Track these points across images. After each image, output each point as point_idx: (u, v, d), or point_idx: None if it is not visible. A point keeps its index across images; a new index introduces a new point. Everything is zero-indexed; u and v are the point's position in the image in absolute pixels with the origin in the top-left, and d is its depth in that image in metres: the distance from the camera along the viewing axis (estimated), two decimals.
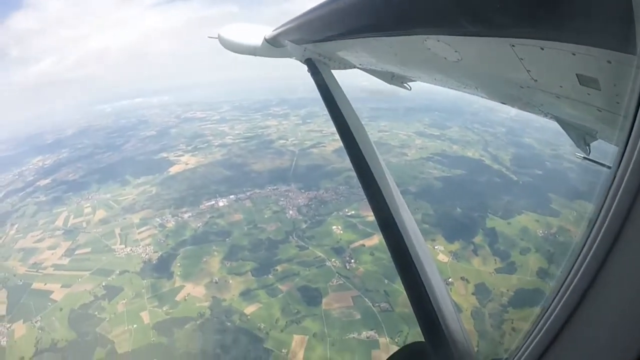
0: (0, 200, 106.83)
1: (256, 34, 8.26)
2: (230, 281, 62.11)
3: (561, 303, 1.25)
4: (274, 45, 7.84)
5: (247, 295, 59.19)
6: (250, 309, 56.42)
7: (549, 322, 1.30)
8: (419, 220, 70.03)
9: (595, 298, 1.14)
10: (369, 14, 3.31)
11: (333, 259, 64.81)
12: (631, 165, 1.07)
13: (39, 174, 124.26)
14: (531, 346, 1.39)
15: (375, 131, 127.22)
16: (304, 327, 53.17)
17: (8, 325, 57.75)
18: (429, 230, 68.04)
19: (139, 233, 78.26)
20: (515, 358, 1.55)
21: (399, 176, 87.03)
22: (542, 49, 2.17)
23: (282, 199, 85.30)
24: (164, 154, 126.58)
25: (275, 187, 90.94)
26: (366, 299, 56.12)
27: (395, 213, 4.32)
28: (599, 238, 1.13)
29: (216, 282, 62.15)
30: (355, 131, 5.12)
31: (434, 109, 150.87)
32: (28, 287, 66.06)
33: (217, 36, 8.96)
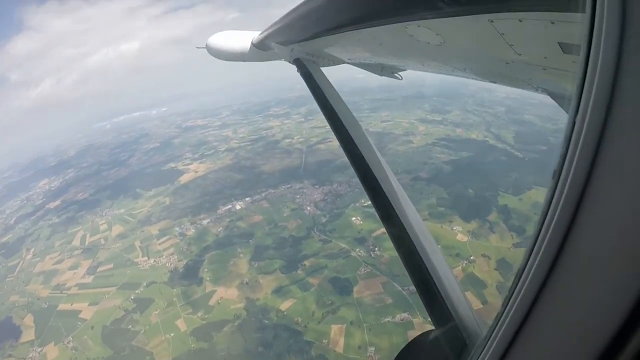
0: (12, 227, 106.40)
1: (244, 39, 8.28)
2: (261, 280, 62.95)
3: (518, 299, 1.17)
4: (261, 49, 7.82)
5: (279, 292, 60.18)
6: (285, 305, 57.42)
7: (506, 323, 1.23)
8: (434, 204, 71.97)
9: (551, 295, 1.06)
10: (348, 8, 3.42)
11: (357, 249, 65.85)
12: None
13: (48, 197, 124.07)
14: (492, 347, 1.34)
15: (378, 122, 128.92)
16: (340, 317, 54.32)
17: (39, 349, 57.83)
18: (445, 212, 69.70)
19: (159, 244, 78.64)
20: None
21: (408, 164, 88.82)
22: (521, 21, 2.17)
23: (297, 197, 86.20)
24: (172, 164, 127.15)
25: (289, 186, 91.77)
26: (395, 284, 57.22)
27: (396, 205, 4.34)
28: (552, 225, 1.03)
29: (247, 283, 62.95)
30: (350, 127, 5.15)
31: (431, 95, 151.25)
32: (54, 309, 66.03)
33: (204, 46, 9.18)
